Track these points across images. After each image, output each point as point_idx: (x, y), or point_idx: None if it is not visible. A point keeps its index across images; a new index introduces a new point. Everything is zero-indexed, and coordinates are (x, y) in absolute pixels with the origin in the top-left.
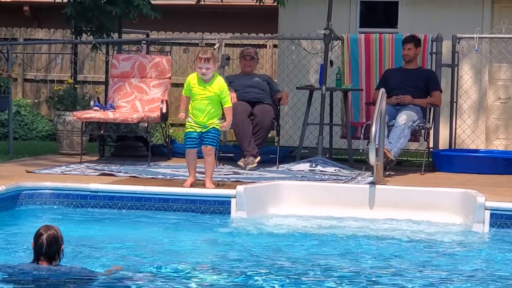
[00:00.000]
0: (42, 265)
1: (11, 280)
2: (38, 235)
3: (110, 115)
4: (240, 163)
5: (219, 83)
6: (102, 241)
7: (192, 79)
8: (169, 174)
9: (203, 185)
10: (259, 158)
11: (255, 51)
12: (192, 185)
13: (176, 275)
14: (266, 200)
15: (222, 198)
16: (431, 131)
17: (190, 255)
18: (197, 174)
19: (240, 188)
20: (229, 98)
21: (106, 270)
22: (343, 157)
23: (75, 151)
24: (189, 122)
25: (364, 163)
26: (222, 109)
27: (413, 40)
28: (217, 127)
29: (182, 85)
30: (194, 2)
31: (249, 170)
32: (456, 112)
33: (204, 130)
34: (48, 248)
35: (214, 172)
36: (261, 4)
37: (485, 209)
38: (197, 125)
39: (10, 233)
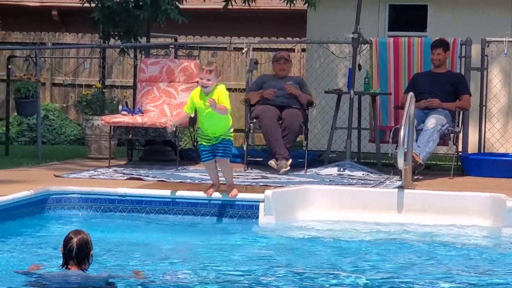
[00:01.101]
0: (72, 270)
1: (40, 287)
2: (67, 240)
3: (138, 119)
4: (272, 162)
5: (217, 91)
6: (130, 246)
7: (195, 94)
8: (197, 178)
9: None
10: (291, 161)
11: (288, 54)
12: (213, 192)
13: (203, 280)
14: (294, 205)
15: (250, 202)
16: (460, 135)
17: (219, 260)
18: (221, 178)
19: (268, 192)
20: (227, 101)
21: (133, 271)
22: (372, 161)
23: (103, 155)
24: (199, 134)
25: (393, 167)
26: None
27: (442, 44)
28: (228, 137)
29: None
30: (221, 6)
31: (282, 173)
32: (485, 115)
33: (215, 142)
34: (78, 252)
35: (242, 176)
36: (291, 6)
37: None
38: (207, 138)
39: (38, 238)
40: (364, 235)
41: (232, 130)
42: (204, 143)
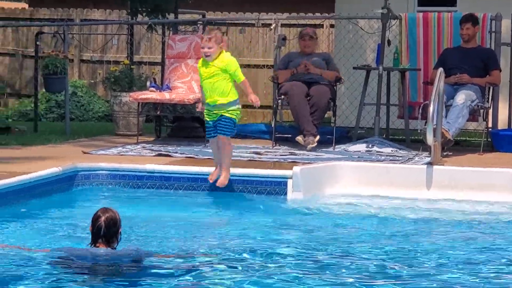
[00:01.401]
0: (100, 248)
1: (69, 265)
2: (96, 218)
3: (166, 96)
4: (299, 138)
5: (224, 58)
6: (159, 222)
7: (199, 64)
8: None
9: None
10: (318, 137)
11: (313, 30)
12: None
13: (232, 256)
14: (322, 181)
15: (279, 178)
16: (490, 111)
17: (246, 236)
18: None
19: (296, 169)
20: (240, 72)
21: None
22: (400, 137)
23: (131, 132)
24: (205, 110)
25: (422, 143)
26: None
27: (471, 19)
28: (228, 115)
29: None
30: None
31: (309, 149)
32: None
33: (215, 118)
34: (106, 230)
35: (270, 153)
36: None
37: None
38: (209, 111)
39: (66, 214)
40: (392, 211)
41: (237, 106)
42: (208, 119)
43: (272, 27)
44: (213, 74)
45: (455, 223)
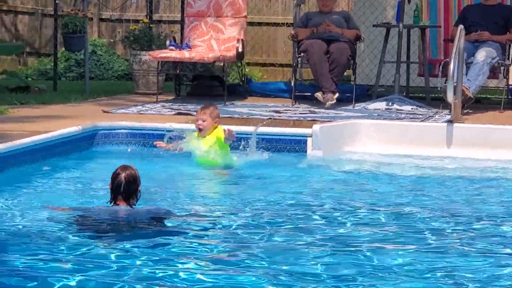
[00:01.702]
0: (120, 205)
1: (88, 223)
2: (116, 175)
3: (186, 54)
4: (318, 94)
5: (218, 134)
6: (179, 181)
7: (191, 137)
8: (245, 113)
9: None
10: (337, 94)
11: None
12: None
13: (251, 214)
14: (342, 139)
15: (298, 137)
16: (510, 68)
17: (267, 193)
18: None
19: (316, 127)
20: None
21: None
22: (420, 95)
23: (151, 91)
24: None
25: (442, 101)
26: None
27: None
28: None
29: (257, 24)
30: None
31: (328, 106)
32: None
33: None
34: (126, 187)
35: (289, 111)
36: None
37: None
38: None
39: (86, 173)
40: (412, 169)
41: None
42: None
43: None
44: (207, 149)
45: (475, 180)
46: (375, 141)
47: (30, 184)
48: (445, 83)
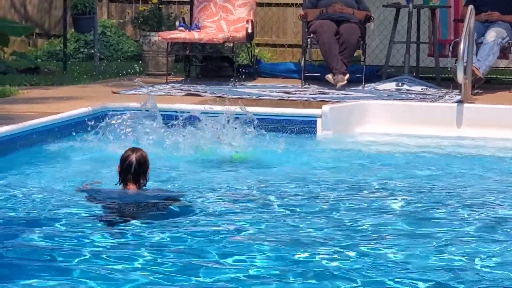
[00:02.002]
0: (129, 188)
1: (99, 204)
2: (125, 156)
3: (195, 35)
4: (329, 76)
5: None
6: (188, 162)
7: None
8: (254, 94)
9: None
10: (348, 75)
11: None
12: None
13: (261, 194)
14: (352, 120)
15: (308, 117)
16: None
17: (277, 174)
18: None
19: (325, 107)
20: None
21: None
22: (430, 75)
23: (160, 72)
24: None
25: (452, 81)
26: None
27: None
28: None
29: (267, 4)
30: None
31: (339, 87)
32: None
33: None
34: (137, 167)
35: (299, 92)
36: None
37: None
38: None
39: (96, 154)
40: (422, 149)
41: None
42: None
43: None
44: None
45: (485, 160)
46: (385, 122)
47: (39, 166)
48: (455, 63)
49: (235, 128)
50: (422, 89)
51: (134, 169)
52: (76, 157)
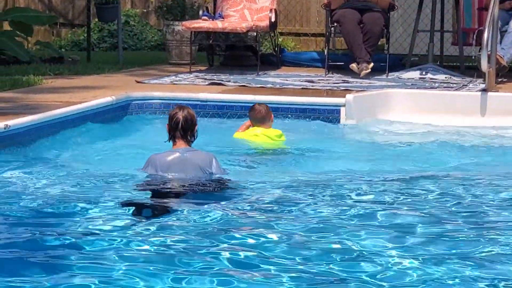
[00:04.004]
0: (178, 145)
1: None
2: (173, 114)
3: (219, 24)
4: (353, 65)
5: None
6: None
7: None
8: (278, 83)
9: None
10: (372, 64)
11: None
12: None
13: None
14: (375, 109)
15: (332, 106)
16: None
17: (302, 163)
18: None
19: (349, 96)
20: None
21: None
22: (454, 64)
23: (184, 61)
24: None
25: (476, 70)
26: None
27: None
28: None
29: None
30: None
31: (363, 75)
32: None
33: None
34: (183, 124)
35: (323, 81)
36: None
37: None
38: None
39: (120, 143)
40: (446, 138)
41: None
42: None
43: None
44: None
45: (509, 148)
46: (408, 110)
47: (64, 154)
48: (479, 52)
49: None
50: (446, 77)
51: (181, 126)
52: (101, 146)
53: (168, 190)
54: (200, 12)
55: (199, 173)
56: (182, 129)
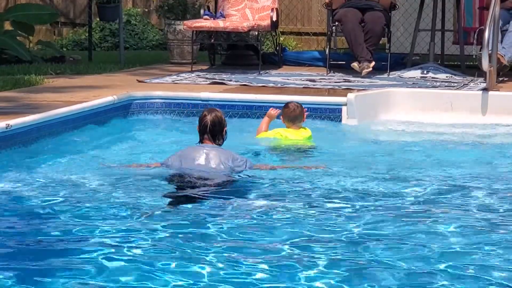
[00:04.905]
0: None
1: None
2: (202, 117)
3: (220, 23)
4: (355, 64)
5: None
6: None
7: None
8: (279, 82)
9: None
10: (373, 63)
11: None
12: None
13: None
14: (377, 108)
15: (333, 105)
16: None
17: (303, 161)
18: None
19: (351, 95)
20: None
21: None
22: (455, 63)
23: (185, 60)
24: None
25: (477, 69)
26: None
27: None
28: None
29: None
30: None
31: (364, 74)
32: None
33: None
34: (211, 127)
35: (324, 80)
36: None
37: None
38: None
39: (121, 143)
40: (448, 137)
41: None
42: None
43: None
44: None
45: (510, 147)
46: (410, 110)
47: (66, 154)
48: (480, 51)
49: None
50: (447, 77)
51: (209, 129)
52: (102, 145)
53: (192, 182)
54: (202, 11)
55: (223, 167)
56: (210, 132)
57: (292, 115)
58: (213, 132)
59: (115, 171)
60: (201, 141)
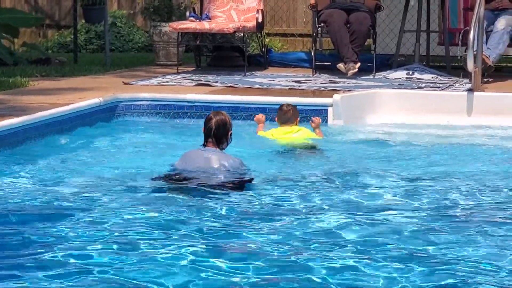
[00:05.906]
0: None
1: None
2: (207, 120)
3: (206, 25)
4: (340, 65)
5: None
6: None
7: None
8: (265, 83)
9: None
10: (359, 64)
11: None
12: None
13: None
14: (363, 109)
15: (319, 106)
16: None
17: (290, 163)
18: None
19: (336, 96)
20: None
21: None
22: (441, 64)
23: (171, 62)
24: None
25: (462, 70)
26: None
27: None
28: None
29: None
30: None
31: (350, 75)
32: None
33: None
34: (215, 131)
35: (310, 81)
36: None
37: None
38: None
39: (108, 145)
40: (433, 138)
41: None
42: None
43: None
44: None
45: (496, 148)
46: (396, 110)
47: (51, 157)
48: (465, 51)
49: None
50: (432, 77)
51: (213, 132)
52: (89, 147)
53: (189, 182)
54: (187, 13)
55: (222, 170)
56: (214, 135)
57: (283, 118)
58: (217, 135)
59: (102, 174)
60: (204, 144)
